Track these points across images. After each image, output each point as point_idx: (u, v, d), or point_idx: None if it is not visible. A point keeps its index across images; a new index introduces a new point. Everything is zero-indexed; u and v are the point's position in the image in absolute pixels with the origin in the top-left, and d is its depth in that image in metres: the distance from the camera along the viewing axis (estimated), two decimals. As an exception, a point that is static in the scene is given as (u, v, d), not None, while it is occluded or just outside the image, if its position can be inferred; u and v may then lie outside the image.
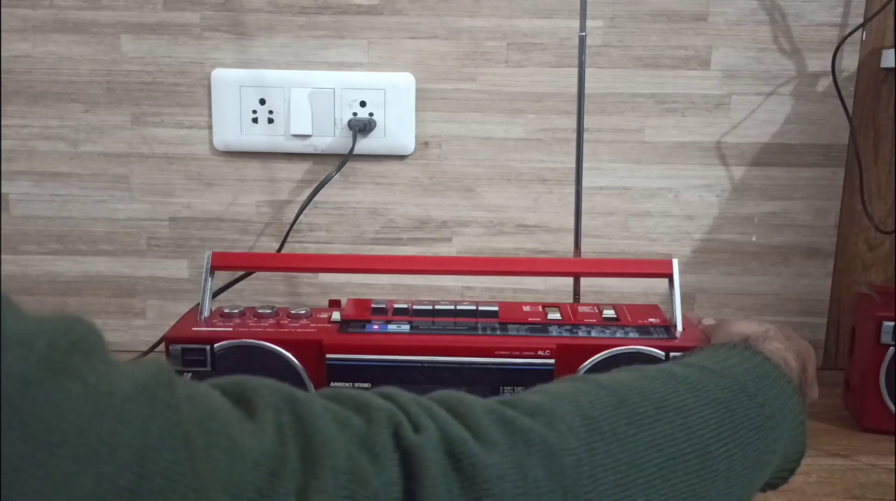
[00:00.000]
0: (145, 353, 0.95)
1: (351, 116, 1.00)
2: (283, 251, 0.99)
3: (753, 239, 1.04)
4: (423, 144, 1.02)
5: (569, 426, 0.44)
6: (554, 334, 0.73)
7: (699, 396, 0.50)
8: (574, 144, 0.89)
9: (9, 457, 0.29)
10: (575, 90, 0.86)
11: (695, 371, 0.53)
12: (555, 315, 0.77)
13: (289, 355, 0.72)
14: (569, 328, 0.74)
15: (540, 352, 0.70)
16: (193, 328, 0.74)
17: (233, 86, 1.00)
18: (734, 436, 0.49)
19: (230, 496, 0.35)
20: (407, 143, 1.02)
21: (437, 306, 0.78)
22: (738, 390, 0.52)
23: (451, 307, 0.78)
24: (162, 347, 0.74)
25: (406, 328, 0.74)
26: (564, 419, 0.44)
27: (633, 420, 0.46)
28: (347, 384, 0.72)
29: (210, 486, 0.34)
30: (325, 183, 0.96)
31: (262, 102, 1.00)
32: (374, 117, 1.00)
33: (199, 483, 0.34)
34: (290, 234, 0.99)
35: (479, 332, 0.73)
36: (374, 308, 0.78)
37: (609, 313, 0.77)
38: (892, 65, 0.96)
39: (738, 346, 0.58)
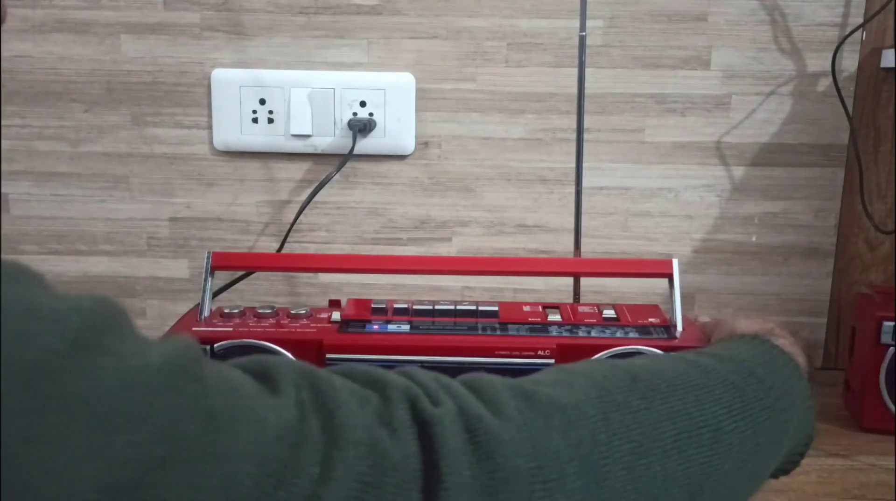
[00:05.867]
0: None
1: (351, 116, 1.00)
2: (283, 251, 0.99)
3: (753, 239, 1.04)
4: (423, 144, 1.02)
5: (586, 395, 0.46)
6: (554, 334, 0.72)
7: (709, 376, 0.52)
8: (574, 144, 0.89)
9: (48, 426, 0.31)
10: (575, 90, 0.86)
11: (705, 357, 0.55)
12: (555, 315, 0.77)
13: (289, 355, 0.72)
14: (569, 328, 0.74)
15: (540, 352, 0.70)
16: (193, 328, 0.74)
17: (233, 86, 1.00)
18: (745, 414, 0.51)
19: (257, 466, 0.36)
20: (407, 143, 1.02)
21: (437, 307, 0.78)
22: (747, 373, 0.54)
23: (451, 307, 0.77)
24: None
25: (406, 328, 0.74)
26: (582, 390, 0.46)
27: (646, 395, 0.48)
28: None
29: (236, 457, 0.35)
30: (325, 183, 0.96)
31: (262, 102, 1.00)
32: (374, 117, 1.00)
33: (225, 454, 0.35)
34: (290, 234, 0.99)
35: (479, 332, 0.73)
36: (374, 308, 0.78)
37: (609, 313, 0.77)
38: (892, 65, 0.96)
39: (746, 336, 0.60)
